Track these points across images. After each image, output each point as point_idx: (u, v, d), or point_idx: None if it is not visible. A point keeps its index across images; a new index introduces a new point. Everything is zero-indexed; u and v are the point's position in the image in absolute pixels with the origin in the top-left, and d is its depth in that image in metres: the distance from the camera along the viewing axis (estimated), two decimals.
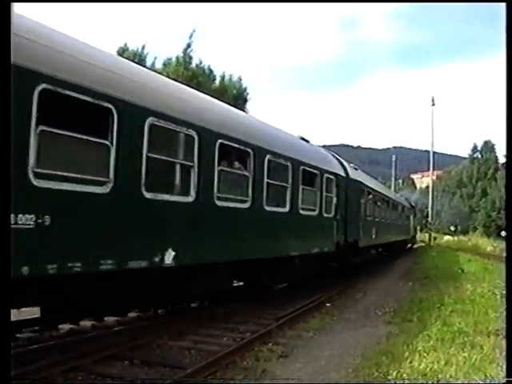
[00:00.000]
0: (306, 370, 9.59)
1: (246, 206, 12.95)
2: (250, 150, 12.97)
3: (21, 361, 8.76)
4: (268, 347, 11.08)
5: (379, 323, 14.14)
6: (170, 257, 9.85)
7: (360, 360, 10.00)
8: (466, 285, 20.71)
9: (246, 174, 13.01)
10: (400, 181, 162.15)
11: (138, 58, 39.94)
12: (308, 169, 16.88)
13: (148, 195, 9.37)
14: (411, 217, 58.28)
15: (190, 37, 45.64)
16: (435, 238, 73.46)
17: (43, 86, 7.34)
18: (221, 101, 14.29)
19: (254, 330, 12.57)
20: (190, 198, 10.76)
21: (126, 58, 22.24)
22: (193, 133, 10.72)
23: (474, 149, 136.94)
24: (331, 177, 19.47)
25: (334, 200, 19.87)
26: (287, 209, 15.28)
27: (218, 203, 11.63)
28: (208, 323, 13.00)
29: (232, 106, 15.75)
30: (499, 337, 11.41)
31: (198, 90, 13.87)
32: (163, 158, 10.04)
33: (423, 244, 68.43)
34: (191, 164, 10.76)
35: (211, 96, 14.00)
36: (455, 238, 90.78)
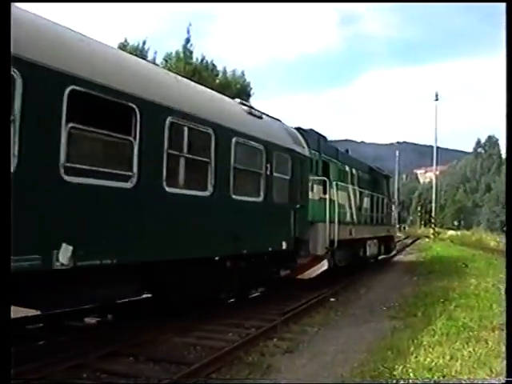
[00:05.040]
0: (312, 365, 9.59)
1: None
2: None
3: (25, 358, 8.78)
4: (273, 342, 11.07)
5: (384, 318, 14.13)
6: None
7: (365, 355, 10.00)
8: (470, 279, 20.71)
9: None
10: (404, 176, 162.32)
11: (139, 54, 40.13)
12: None
13: None
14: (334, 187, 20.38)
15: (188, 32, 46.05)
16: (439, 233, 73.37)
17: None
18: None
19: (259, 325, 12.57)
20: None
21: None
22: None
23: (478, 144, 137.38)
24: None
25: None
26: None
27: None
28: (213, 319, 12.99)
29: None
30: (504, 331, 11.41)
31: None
32: None
33: (427, 239, 68.34)
34: None
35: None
36: (459, 233, 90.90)
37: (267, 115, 15.73)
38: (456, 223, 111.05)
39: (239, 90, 45.43)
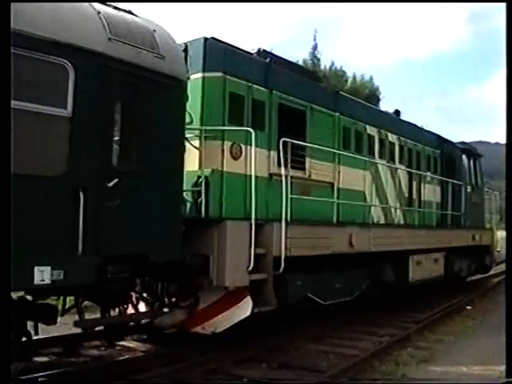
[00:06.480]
0: (448, 376, 9.35)
1: None
2: None
3: (161, 362, 9.09)
4: (407, 351, 10.87)
5: None
6: None
7: (504, 367, 9.64)
8: None
9: None
10: None
11: None
12: None
13: None
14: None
15: (315, 39, 46.11)
16: None
17: None
18: None
19: (393, 333, 12.42)
20: None
21: None
22: None
23: None
24: None
25: None
26: None
27: None
28: (346, 327, 12.94)
29: None
30: None
31: None
32: None
33: None
34: None
35: None
36: None
37: None
38: None
39: (368, 95, 44.90)
